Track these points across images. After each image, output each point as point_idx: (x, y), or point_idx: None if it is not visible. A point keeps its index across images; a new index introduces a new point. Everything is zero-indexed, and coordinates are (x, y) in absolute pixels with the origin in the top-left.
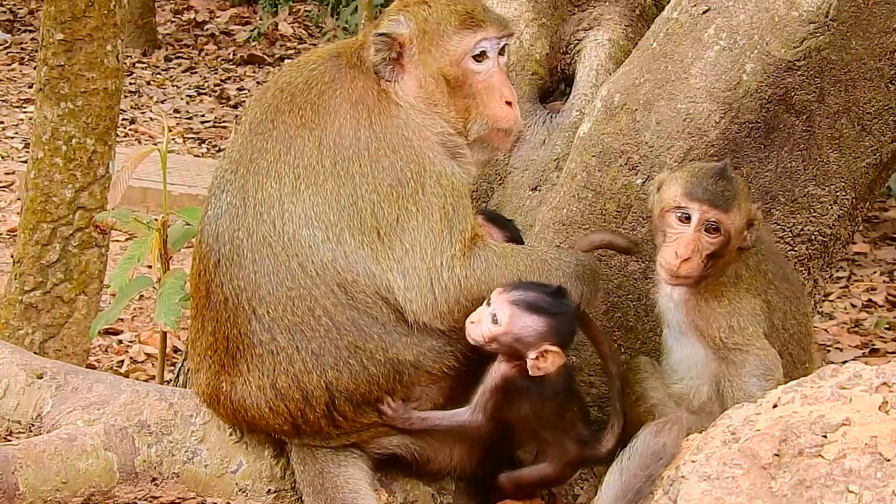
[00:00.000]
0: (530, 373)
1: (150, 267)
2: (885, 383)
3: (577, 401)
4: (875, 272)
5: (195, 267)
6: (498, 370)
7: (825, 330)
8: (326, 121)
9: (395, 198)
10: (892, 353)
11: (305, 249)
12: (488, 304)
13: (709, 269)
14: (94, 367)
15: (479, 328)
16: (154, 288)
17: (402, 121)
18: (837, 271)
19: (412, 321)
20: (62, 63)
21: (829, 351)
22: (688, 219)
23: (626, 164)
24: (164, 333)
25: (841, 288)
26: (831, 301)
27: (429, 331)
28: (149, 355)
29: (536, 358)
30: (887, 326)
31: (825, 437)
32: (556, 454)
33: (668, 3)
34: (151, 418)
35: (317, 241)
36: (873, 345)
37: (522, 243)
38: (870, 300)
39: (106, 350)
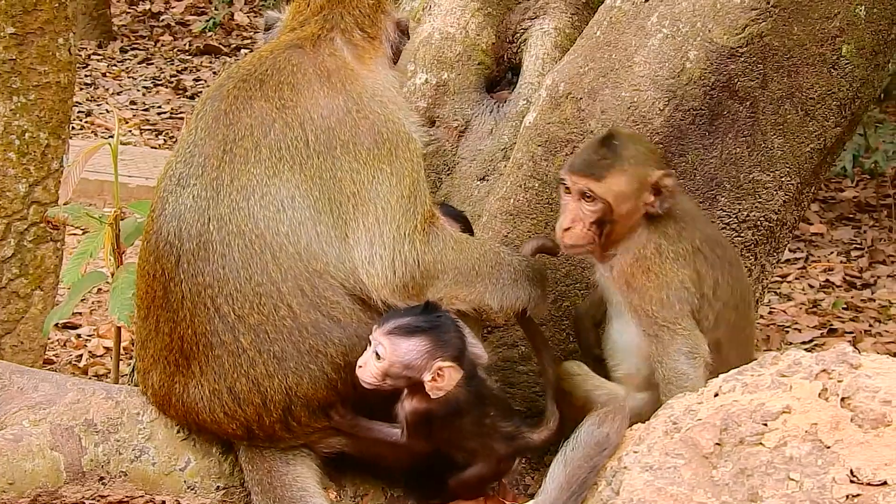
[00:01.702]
0: (431, 395)
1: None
2: (824, 370)
3: (492, 403)
4: (832, 252)
5: (148, 267)
6: (404, 408)
7: (783, 311)
8: (306, 97)
9: (371, 160)
10: (850, 332)
11: (280, 237)
12: (370, 345)
13: (604, 236)
14: (52, 362)
15: (367, 370)
16: (108, 282)
17: (375, 85)
18: (794, 252)
19: (374, 299)
20: (14, 57)
21: (787, 332)
22: (568, 190)
23: (571, 152)
24: (119, 328)
25: (798, 269)
26: (789, 282)
27: None
28: (107, 349)
29: (433, 379)
30: (845, 306)
31: (766, 425)
32: (486, 455)
33: None
34: (98, 417)
35: (294, 225)
36: (831, 325)
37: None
38: (827, 280)
39: (64, 344)
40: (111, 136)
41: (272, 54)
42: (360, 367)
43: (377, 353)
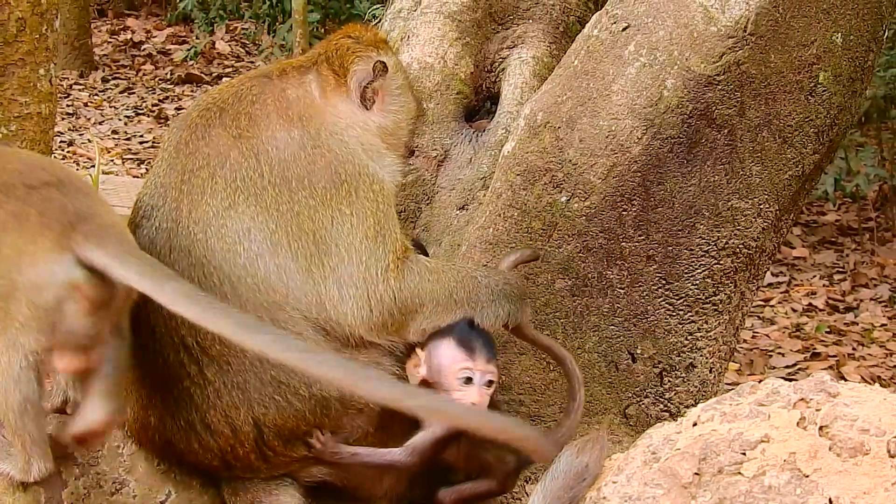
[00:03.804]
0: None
1: None
2: (802, 399)
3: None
4: (815, 276)
5: None
6: (432, 431)
7: (766, 335)
8: (262, 128)
9: (328, 199)
10: (834, 356)
11: (238, 269)
12: (468, 383)
13: None
14: None
15: (483, 404)
16: None
17: (338, 122)
18: (777, 276)
19: (345, 338)
20: None
21: (770, 356)
22: None
23: (550, 181)
24: None
25: (781, 293)
26: (772, 306)
27: None
28: None
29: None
30: (828, 330)
31: (744, 454)
32: (499, 467)
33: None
34: (78, 450)
35: (252, 257)
36: (814, 349)
37: None
38: (810, 304)
39: (47, 375)
40: (93, 166)
41: (239, 83)
42: (475, 403)
43: (490, 382)
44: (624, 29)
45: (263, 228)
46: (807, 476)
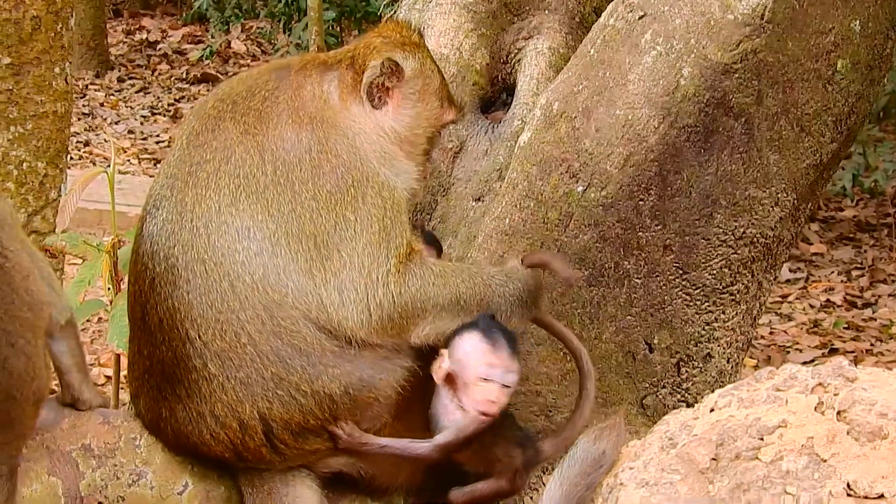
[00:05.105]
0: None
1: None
2: (820, 384)
3: (504, 411)
4: (832, 272)
5: (130, 288)
6: (470, 421)
7: (784, 331)
8: (269, 126)
9: (333, 204)
10: (851, 352)
11: (237, 266)
12: (486, 381)
13: None
14: (52, 391)
15: (499, 406)
16: (107, 310)
17: (348, 128)
18: (795, 272)
19: (346, 339)
20: (10, 87)
21: (788, 352)
22: None
23: (566, 171)
24: (118, 356)
25: (799, 289)
26: (790, 302)
27: (355, 361)
28: (108, 377)
29: None
30: (846, 326)
31: (762, 439)
32: (507, 464)
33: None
34: (95, 441)
35: (250, 255)
36: (832, 345)
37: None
38: (828, 300)
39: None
40: (109, 166)
41: (258, 75)
42: (492, 402)
43: (507, 385)
44: (640, 17)
45: (263, 228)
46: (824, 461)
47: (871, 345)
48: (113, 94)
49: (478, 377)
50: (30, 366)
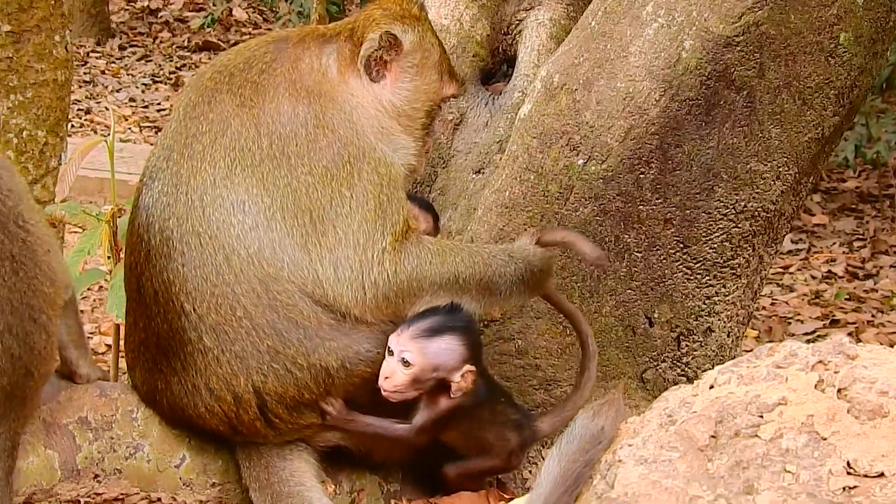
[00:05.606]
0: (453, 397)
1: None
2: (820, 361)
3: (499, 391)
4: (834, 243)
5: (126, 259)
6: (429, 406)
7: (785, 302)
8: (266, 99)
9: (329, 180)
10: (853, 323)
11: (233, 240)
12: (390, 355)
13: None
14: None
15: (393, 380)
16: (107, 279)
17: (346, 102)
18: (796, 243)
19: (342, 314)
20: (10, 55)
21: (789, 323)
22: None
23: (567, 144)
24: (118, 326)
25: (801, 260)
26: (791, 273)
27: (352, 335)
28: (109, 346)
29: (462, 378)
30: (847, 297)
31: (761, 417)
32: (500, 446)
33: None
34: (92, 414)
35: (245, 229)
36: (834, 316)
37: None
38: (830, 271)
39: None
40: (110, 134)
41: (256, 46)
42: (386, 377)
43: (405, 360)
44: None
45: (259, 202)
46: (825, 439)
47: (873, 316)
48: (114, 62)
49: (387, 349)
50: (49, 343)
